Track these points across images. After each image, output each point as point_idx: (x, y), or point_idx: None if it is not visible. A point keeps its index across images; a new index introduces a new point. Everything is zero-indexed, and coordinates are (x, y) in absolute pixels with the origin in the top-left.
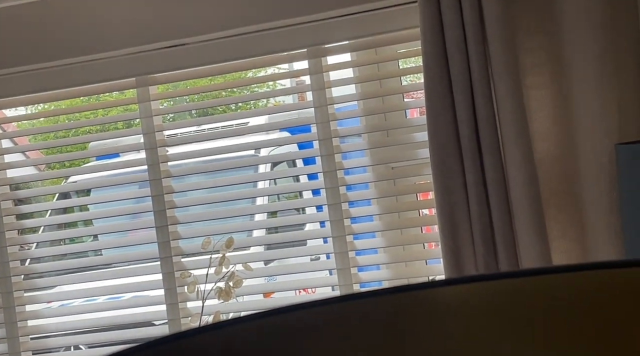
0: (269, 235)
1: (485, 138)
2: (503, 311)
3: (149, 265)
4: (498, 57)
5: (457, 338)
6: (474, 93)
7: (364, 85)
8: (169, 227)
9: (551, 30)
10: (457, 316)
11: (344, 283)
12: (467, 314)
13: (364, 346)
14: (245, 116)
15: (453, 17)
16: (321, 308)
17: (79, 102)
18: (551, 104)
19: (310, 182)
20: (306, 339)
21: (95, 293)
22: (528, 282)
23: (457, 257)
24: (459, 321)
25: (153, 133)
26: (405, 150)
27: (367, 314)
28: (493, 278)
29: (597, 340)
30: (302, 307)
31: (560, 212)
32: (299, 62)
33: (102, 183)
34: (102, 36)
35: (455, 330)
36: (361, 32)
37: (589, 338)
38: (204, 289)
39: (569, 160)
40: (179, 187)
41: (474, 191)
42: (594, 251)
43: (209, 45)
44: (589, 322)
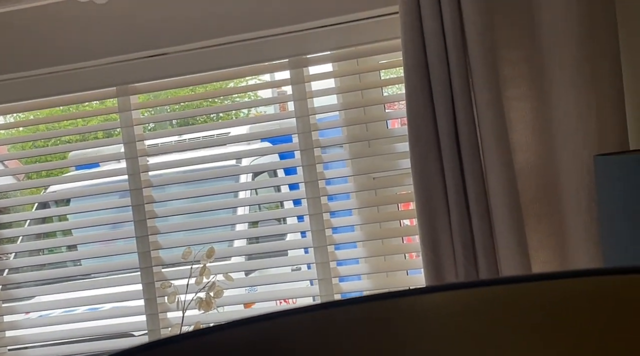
0: (250, 245)
1: (466, 148)
2: (484, 319)
3: (129, 275)
4: (479, 69)
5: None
6: (454, 104)
7: (346, 96)
8: (149, 237)
9: (531, 42)
10: (438, 324)
11: (325, 294)
12: (448, 321)
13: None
14: (227, 126)
15: (434, 28)
16: (302, 316)
17: (58, 111)
18: (531, 115)
19: (291, 192)
20: (287, 346)
21: (74, 303)
22: (507, 290)
23: (437, 267)
24: (440, 329)
25: (134, 143)
26: (387, 161)
27: (349, 321)
28: (473, 285)
29: (577, 347)
30: (284, 315)
31: (540, 222)
32: (280, 72)
33: (81, 193)
34: (82, 45)
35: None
36: (343, 42)
37: (568, 345)
38: (184, 299)
39: (548, 170)
40: (160, 196)
41: (454, 201)
42: (573, 260)
43: (190, 54)
44: (569, 329)
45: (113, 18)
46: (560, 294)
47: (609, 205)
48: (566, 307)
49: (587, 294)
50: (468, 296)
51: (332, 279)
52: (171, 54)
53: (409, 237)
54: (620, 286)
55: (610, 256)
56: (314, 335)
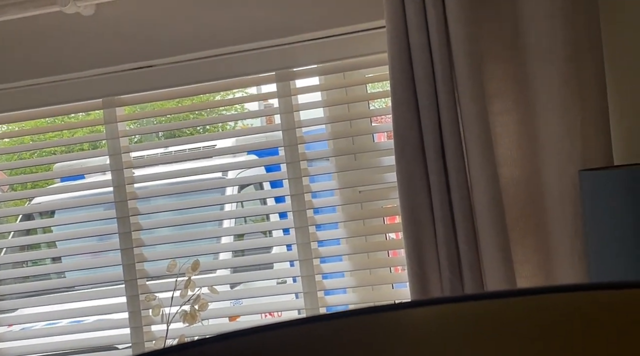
0: (236, 258)
1: (452, 163)
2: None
3: (113, 287)
4: (464, 83)
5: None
6: (440, 118)
7: (332, 109)
8: (134, 249)
9: (517, 58)
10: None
11: (310, 307)
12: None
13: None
14: (213, 138)
15: (420, 43)
16: (288, 330)
17: (44, 123)
18: (516, 130)
19: (277, 204)
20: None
21: (58, 316)
22: (493, 304)
23: (423, 280)
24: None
25: (119, 155)
26: (373, 174)
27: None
28: (458, 300)
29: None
30: (269, 328)
31: (525, 237)
32: (267, 85)
33: (66, 205)
34: (68, 57)
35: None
36: (329, 56)
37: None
38: (168, 312)
39: (533, 185)
40: (145, 208)
41: (440, 215)
42: (558, 275)
43: (177, 67)
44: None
45: (99, 30)
46: (545, 309)
47: (594, 220)
48: (551, 322)
49: (572, 309)
50: (453, 310)
51: (317, 292)
52: (158, 66)
53: (394, 250)
54: (605, 302)
55: (595, 271)
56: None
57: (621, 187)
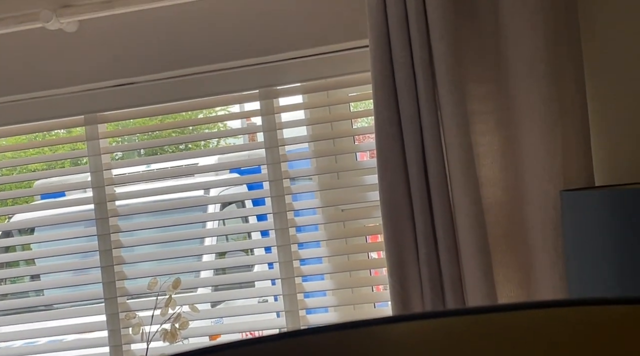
0: (217, 276)
1: (434, 182)
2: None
3: (93, 306)
4: (447, 103)
5: None
6: (423, 138)
7: (315, 127)
8: (114, 267)
9: (498, 78)
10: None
11: (291, 326)
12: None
13: None
14: (195, 156)
15: (403, 62)
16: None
17: (24, 139)
18: (498, 150)
19: (259, 222)
20: None
21: (36, 334)
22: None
23: (404, 299)
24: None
25: (101, 172)
26: (355, 193)
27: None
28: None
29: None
30: (250, 343)
31: (507, 256)
32: (250, 103)
33: (46, 222)
34: (50, 73)
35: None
36: (313, 74)
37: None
38: (149, 331)
39: (515, 205)
40: (126, 226)
41: (422, 234)
42: (539, 295)
43: (159, 84)
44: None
45: (82, 46)
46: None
47: (575, 241)
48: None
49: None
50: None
51: (299, 311)
52: (140, 83)
53: (376, 269)
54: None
55: (575, 291)
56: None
57: (602, 208)
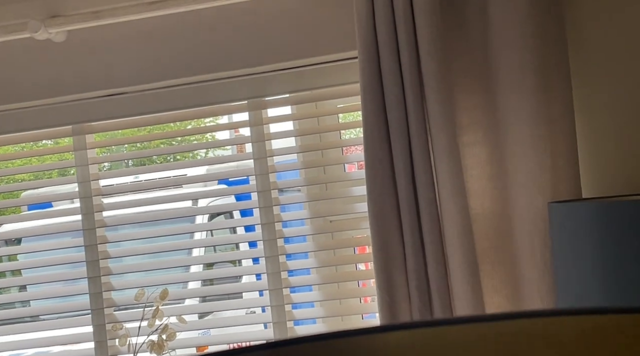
0: (205, 287)
1: (423, 193)
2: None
3: (79, 317)
4: (435, 115)
5: None
6: (411, 149)
7: (304, 138)
8: (101, 278)
9: (487, 89)
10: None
11: (279, 337)
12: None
13: None
14: (184, 167)
15: (392, 74)
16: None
17: (11, 149)
18: (486, 161)
19: (247, 233)
20: None
21: (22, 345)
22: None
23: (392, 309)
24: None
25: (88, 183)
26: (344, 204)
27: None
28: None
29: None
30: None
31: (494, 268)
32: (239, 113)
33: (33, 232)
34: (38, 83)
35: None
36: (302, 85)
37: None
38: (135, 342)
39: (503, 216)
40: (114, 237)
41: (410, 245)
42: (526, 306)
43: (148, 94)
44: None
45: (71, 56)
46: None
47: (563, 252)
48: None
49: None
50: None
51: (287, 322)
52: (129, 94)
53: (364, 281)
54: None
55: (563, 302)
56: None
57: (590, 220)
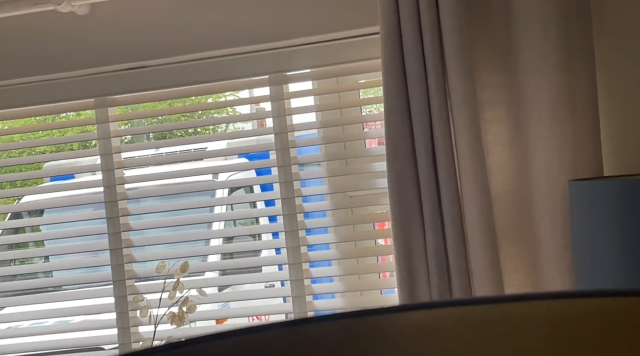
0: (224, 260)
1: (443, 169)
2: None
3: (101, 288)
4: (457, 91)
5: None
6: (432, 125)
7: (325, 114)
8: (123, 250)
9: (510, 67)
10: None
11: (298, 311)
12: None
13: None
14: (204, 141)
15: (414, 49)
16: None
17: (34, 121)
18: (507, 139)
19: (267, 208)
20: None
21: (45, 315)
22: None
23: (411, 287)
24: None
25: (110, 155)
26: (364, 180)
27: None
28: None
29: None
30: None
31: (514, 246)
32: (260, 88)
33: (56, 204)
34: (61, 56)
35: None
36: (323, 61)
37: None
38: (156, 314)
39: (523, 194)
40: (135, 209)
41: (430, 222)
42: (546, 285)
43: (170, 68)
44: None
45: (94, 29)
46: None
47: (583, 230)
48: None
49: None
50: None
51: (305, 296)
52: (151, 67)
53: (383, 256)
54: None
55: (582, 281)
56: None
57: (611, 198)
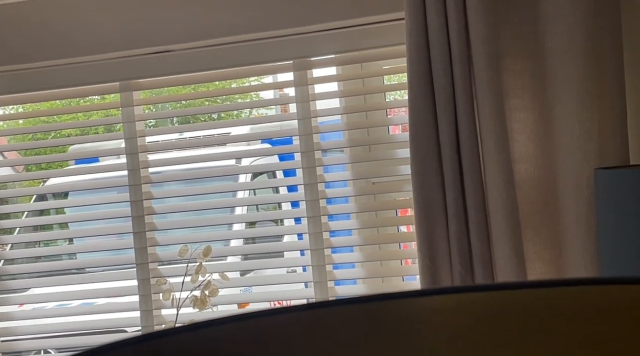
0: (247, 245)
1: (467, 157)
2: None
3: (124, 270)
4: (482, 78)
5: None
6: (457, 112)
7: (348, 100)
8: (146, 233)
9: (536, 54)
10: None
11: (320, 297)
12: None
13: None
14: (228, 126)
15: (439, 36)
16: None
17: (59, 104)
18: (532, 126)
19: (290, 193)
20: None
21: (68, 297)
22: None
23: (433, 274)
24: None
25: (134, 139)
26: (387, 166)
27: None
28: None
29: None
30: (278, 312)
31: (538, 234)
32: (283, 73)
33: (80, 187)
34: (87, 39)
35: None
36: (347, 46)
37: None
38: (179, 297)
39: (548, 182)
40: (159, 193)
41: (453, 209)
42: (569, 273)
43: (195, 53)
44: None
45: (119, 13)
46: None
47: (608, 219)
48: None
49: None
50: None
51: (327, 282)
52: (176, 52)
53: (405, 243)
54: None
55: (607, 269)
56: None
57: (637, 187)
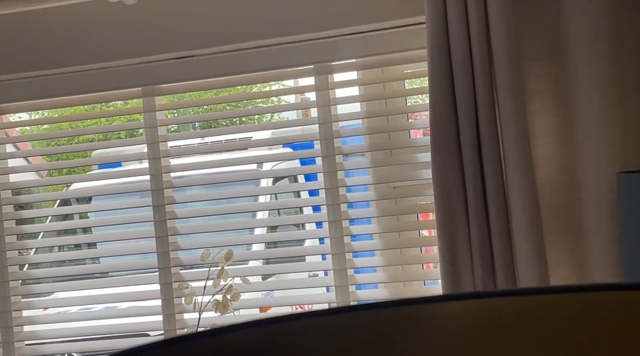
0: (268, 249)
1: (488, 161)
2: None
3: (147, 275)
4: (504, 82)
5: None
6: (478, 117)
7: (369, 104)
8: (169, 238)
9: (557, 58)
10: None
11: (341, 301)
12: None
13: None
14: (249, 130)
15: (460, 40)
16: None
17: (82, 110)
18: (555, 130)
19: (311, 198)
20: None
21: (92, 301)
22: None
23: (455, 278)
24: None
25: (157, 144)
26: (408, 170)
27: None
28: (490, 295)
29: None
30: (300, 317)
31: (560, 239)
32: (305, 78)
33: (103, 191)
34: (110, 45)
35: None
36: (368, 51)
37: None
38: (201, 301)
39: (570, 187)
40: (181, 197)
41: (474, 213)
42: (592, 278)
43: (216, 57)
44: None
45: (141, 19)
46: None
47: (631, 223)
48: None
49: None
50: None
51: (348, 286)
52: (197, 57)
53: (427, 247)
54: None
55: (630, 274)
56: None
57: None
